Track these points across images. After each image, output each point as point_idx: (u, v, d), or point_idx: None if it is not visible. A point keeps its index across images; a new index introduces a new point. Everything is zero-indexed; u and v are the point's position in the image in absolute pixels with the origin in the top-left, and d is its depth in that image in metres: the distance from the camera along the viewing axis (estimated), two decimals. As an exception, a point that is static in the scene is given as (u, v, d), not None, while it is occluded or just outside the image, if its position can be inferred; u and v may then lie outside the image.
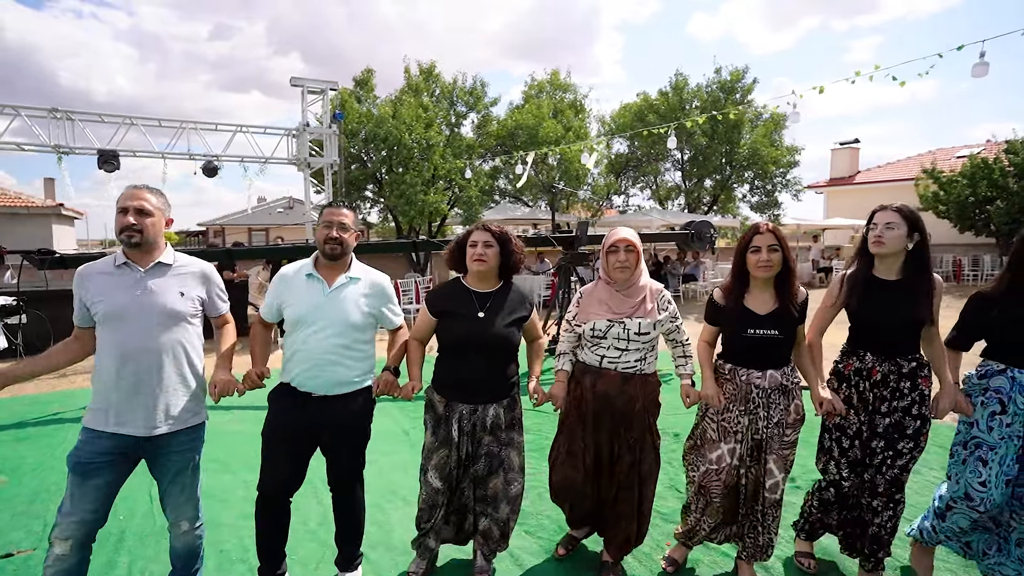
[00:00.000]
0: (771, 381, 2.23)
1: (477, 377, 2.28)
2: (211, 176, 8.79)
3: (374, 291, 2.30)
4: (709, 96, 16.67)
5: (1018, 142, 14.62)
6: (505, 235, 2.33)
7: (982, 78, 5.10)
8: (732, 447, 2.26)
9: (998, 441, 2.11)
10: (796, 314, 2.24)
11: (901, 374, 2.17)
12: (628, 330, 2.27)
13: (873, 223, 2.20)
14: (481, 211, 14.62)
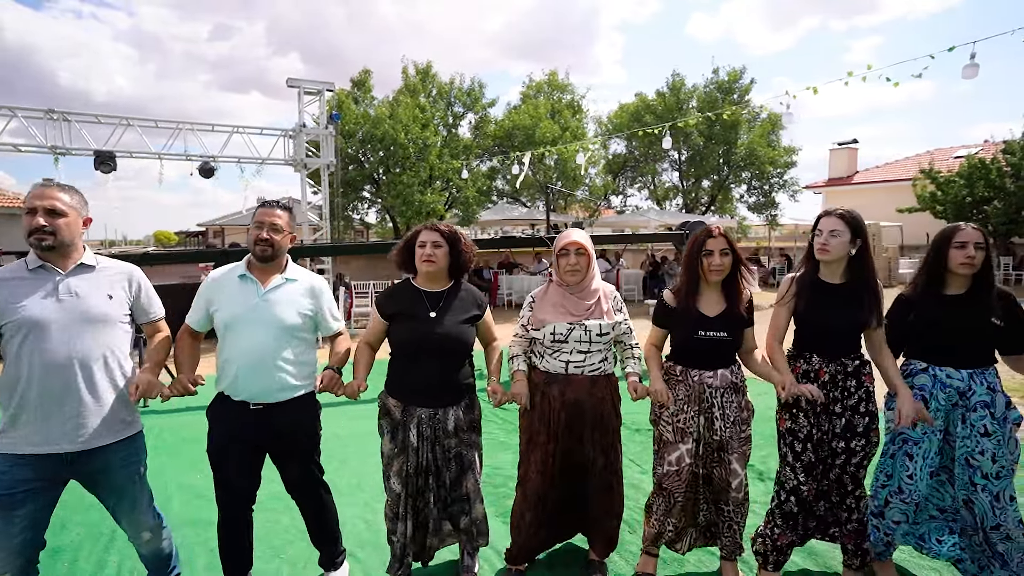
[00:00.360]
0: (723, 380, 2.27)
1: (433, 380, 2.23)
2: (207, 177, 8.81)
3: (312, 293, 2.23)
4: (707, 96, 16.69)
5: (1015, 143, 14.65)
6: (454, 234, 2.30)
7: (973, 79, 5.13)
8: (689, 447, 2.28)
9: (922, 436, 2.22)
10: (744, 316, 2.30)
11: (847, 373, 2.23)
12: (590, 332, 2.27)
13: (818, 230, 2.23)
14: (478, 211, 14.63)
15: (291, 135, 9.57)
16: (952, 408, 2.20)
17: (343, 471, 3.64)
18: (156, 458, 3.93)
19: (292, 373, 2.16)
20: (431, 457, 2.25)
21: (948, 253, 2.18)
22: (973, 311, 2.15)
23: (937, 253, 2.21)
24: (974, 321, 2.15)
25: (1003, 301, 2.18)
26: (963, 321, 2.16)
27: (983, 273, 2.16)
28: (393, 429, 2.26)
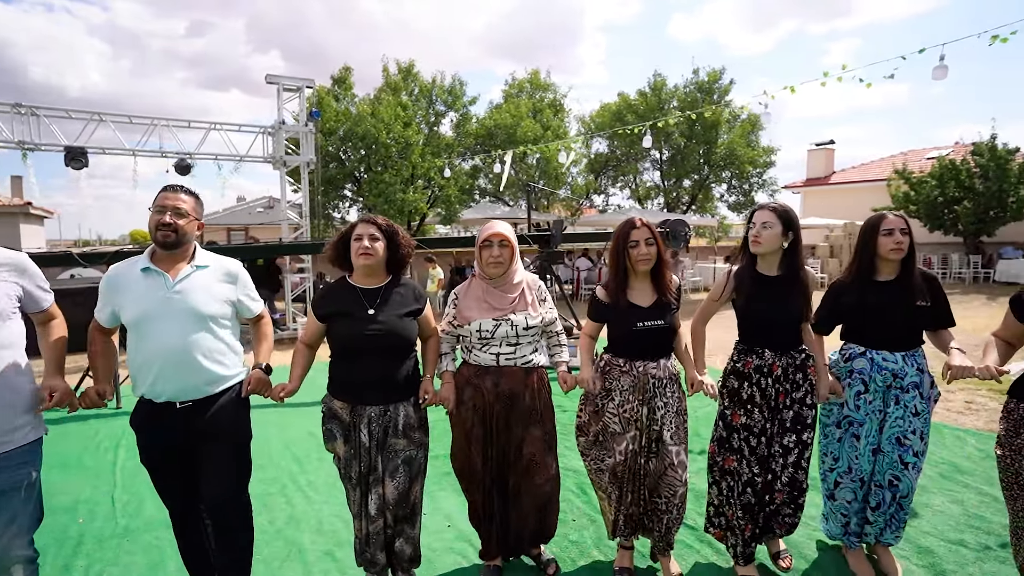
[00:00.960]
0: (665, 371, 2.30)
1: (377, 376, 2.13)
2: (184, 174, 8.64)
3: (227, 277, 2.11)
4: (687, 96, 16.87)
5: (983, 145, 15.06)
6: (392, 227, 2.23)
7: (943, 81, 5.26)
8: (634, 435, 2.29)
9: (864, 418, 2.31)
10: (674, 302, 2.33)
11: (795, 367, 2.30)
12: (516, 326, 2.25)
13: (752, 222, 2.30)
14: (460, 210, 14.59)
15: (270, 132, 9.42)
16: (887, 390, 2.28)
17: (320, 470, 3.62)
18: (132, 460, 3.89)
19: (219, 363, 2.05)
20: (379, 461, 2.14)
21: (877, 241, 2.26)
22: (902, 295, 2.23)
23: (866, 241, 2.28)
24: (904, 304, 2.23)
25: (928, 283, 2.27)
26: (895, 305, 2.24)
27: (909, 259, 2.25)
28: (346, 432, 2.16)
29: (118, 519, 3.05)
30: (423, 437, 2.26)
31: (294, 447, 4.12)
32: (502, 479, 2.34)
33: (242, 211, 26.34)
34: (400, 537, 2.22)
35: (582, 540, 2.78)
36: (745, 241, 2.35)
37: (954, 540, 2.71)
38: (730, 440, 2.37)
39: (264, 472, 3.67)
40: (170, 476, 2.08)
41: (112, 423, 4.75)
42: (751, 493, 2.34)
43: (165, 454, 2.04)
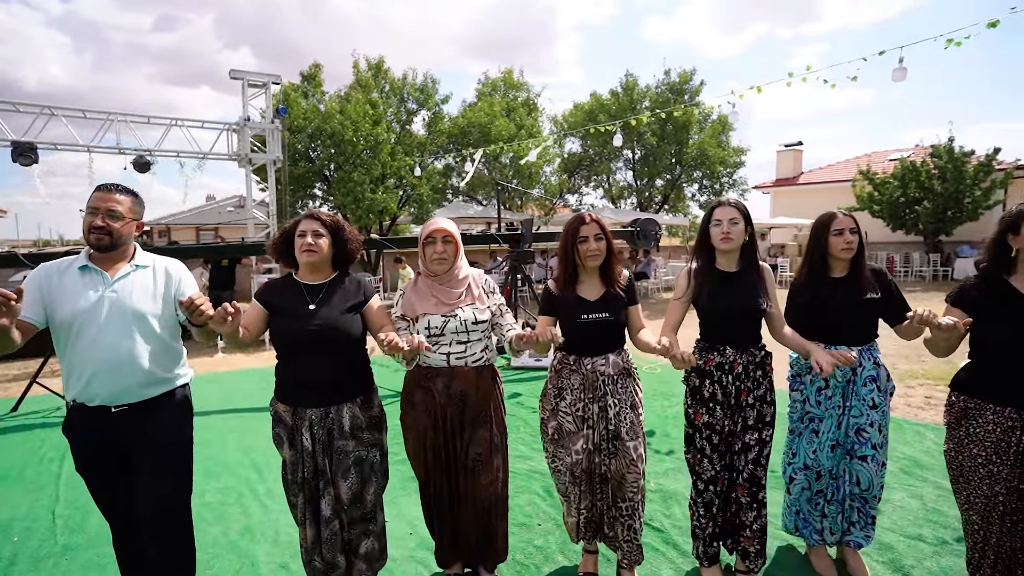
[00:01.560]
0: (614, 367, 2.27)
1: (320, 375, 2.05)
2: (143, 172, 8.32)
3: (168, 278, 2.04)
4: (659, 97, 17.03)
5: (941, 147, 15.59)
6: (337, 223, 2.19)
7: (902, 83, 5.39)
8: (587, 433, 2.27)
9: (824, 412, 2.35)
10: (623, 296, 2.31)
11: (755, 364, 2.29)
12: (465, 321, 2.21)
13: (717, 219, 2.28)
14: (432, 210, 14.44)
15: (235, 129, 9.15)
16: (847, 384, 2.32)
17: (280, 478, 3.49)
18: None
19: (157, 365, 1.96)
20: (325, 462, 2.09)
21: (828, 240, 2.30)
22: (854, 290, 2.29)
23: (818, 241, 2.33)
24: (856, 299, 2.28)
25: (877, 277, 2.34)
26: (848, 300, 2.28)
27: (859, 256, 2.31)
28: (291, 436, 2.09)
29: (57, 537, 2.88)
30: (375, 436, 2.18)
31: (254, 454, 3.98)
32: (453, 481, 2.30)
33: (212, 210, 25.68)
34: (364, 539, 2.17)
35: (547, 545, 2.73)
36: (703, 239, 2.34)
37: (913, 535, 2.74)
38: (694, 439, 2.37)
39: (220, 481, 3.53)
40: (107, 485, 1.98)
41: (59, 432, 4.52)
42: (713, 492, 2.35)
43: (100, 462, 1.94)
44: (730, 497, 2.36)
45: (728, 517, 2.38)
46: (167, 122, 8.87)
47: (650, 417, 4.54)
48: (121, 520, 2.04)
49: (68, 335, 1.89)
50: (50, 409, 5.13)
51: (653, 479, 3.38)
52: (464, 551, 2.38)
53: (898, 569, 2.48)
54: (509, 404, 5.17)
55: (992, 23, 4.55)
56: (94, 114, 8.22)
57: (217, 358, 7.57)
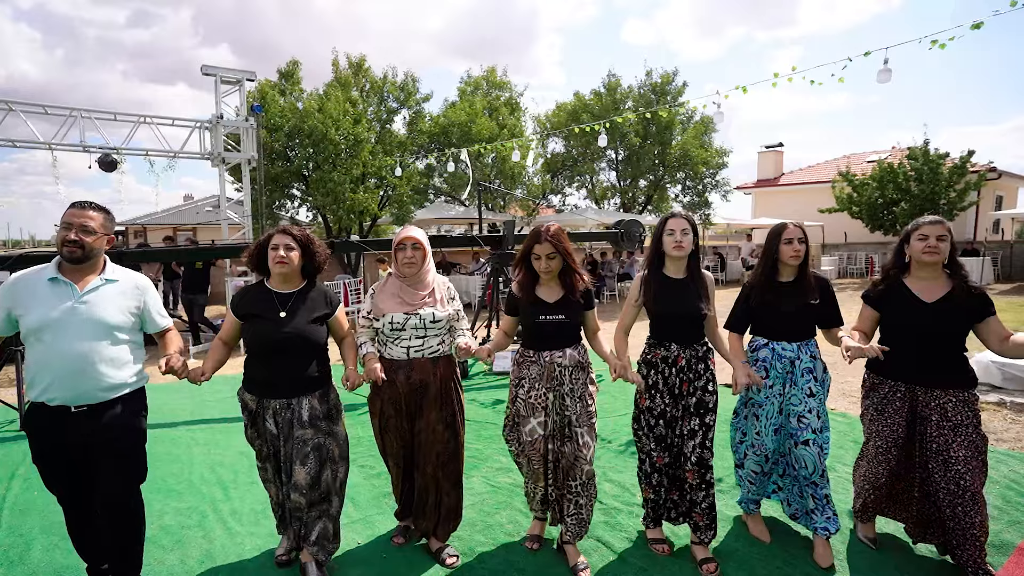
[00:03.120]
0: (571, 359, 2.53)
1: (285, 374, 2.35)
2: (109, 170, 7.95)
3: (136, 292, 2.24)
4: (641, 97, 17.01)
5: (917, 149, 15.80)
6: (307, 237, 2.44)
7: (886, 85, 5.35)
8: (541, 420, 2.51)
9: (765, 400, 2.62)
10: (580, 301, 2.55)
11: (698, 358, 2.56)
12: (424, 319, 2.49)
13: (671, 229, 2.54)
14: (414, 210, 14.21)
15: (207, 127, 8.83)
16: (787, 375, 2.60)
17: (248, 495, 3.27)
18: (25, 493, 3.43)
19: (118, 371, 2.15)
20: (288, 449, 2.36)
21: (780, 247, 2.57)
22: (798, 294, 2.57)
23: (771, 248, 2.60)
24: (800, 302, 2.57)
25: (819, 283, 2.61)
26: (792, 301, 2.57)
27: (804, 263, 2.58)
28: (252, 419, 2.41)
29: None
30: (332, 426, 2.45)
31: (220, 469, 3.76)
32: (410, 456, 2.62)
33: (189, 210, 25.13)
34: (319, 520, 2.39)
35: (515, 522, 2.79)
36: (657, 247, 2.60)
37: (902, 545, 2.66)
38: (639, 419, 2.68)
39: (182, 500, 3.30)
40: (60, 478, 2.17)
41: (11, 447, 4.25)
42: (648, 465, 2.67)
43: (56, 456, 2.12)
44: (679, 477, 2.63)
45: (681, 497, 2.67)
46: (135, 119, 8.52)
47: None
48: (74, 509, 2.23)
49: (34, 341, 2.05)
50: (2, 423, 4.83)
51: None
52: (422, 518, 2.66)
53: (895, 588, 2.38)
54: (490, 411, 5.01)
55: (976, 24, 4.52)
56: (56, 110, 7.85)
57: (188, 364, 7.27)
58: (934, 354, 2.38)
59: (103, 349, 2.09)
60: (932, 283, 2.41)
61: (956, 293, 2.36)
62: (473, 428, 4.50)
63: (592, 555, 2.67)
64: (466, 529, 2.90)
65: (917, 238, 2.41)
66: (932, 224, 2.39)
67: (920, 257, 2.39)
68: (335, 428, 2.46)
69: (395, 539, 2.79)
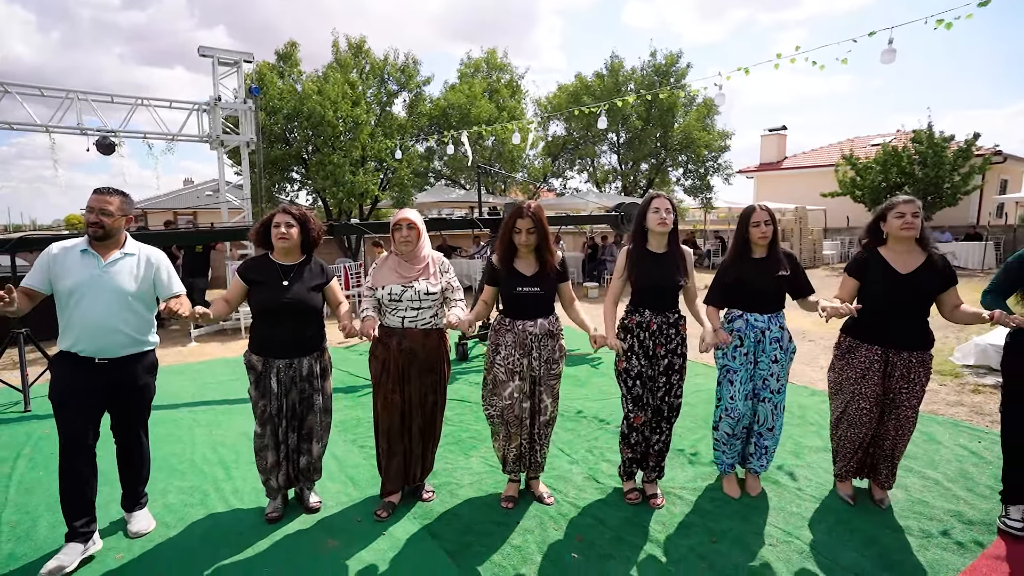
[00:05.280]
0: (541, 328, 2.79)
1: (288, 336, 2.71)
2: (107, 153, 7.91)
3: (149, 264, 2.61)
4: (644, 79, 16.79)
5: (922, 132, 15.61)
6: (304, 216, 2.78)
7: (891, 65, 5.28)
8: (519, 384, 2.79)
9: (739, 367, 2.89)
10: (554, 274, 2.81)
11: (669, 324, 2.84)
12: (419, 292, 2.76)
13: (656, 208, 2.79)
14: (414, 193, 14.14)
15: (205, 109, 8.75)
16: (758, 343, 2.88)
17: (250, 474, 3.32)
18: (31, 472, 3.48)
19: (133, 333, 2.54)
20: (288, 401, 2.75)
21: (749, 230, 2.84)
22: (768, 269, 2.84)
23: (742, 229, 2.87)
24: (769, 276, 2.84)
25: (788, 258, 2.90)
26: (763, 276, 2.84)
27: (773, 242, 2.86)
28: (257, 379, 2.74)
29: (3, 544, 2.69)
30: (323, 383, 2.86)
31: (223, 450, 3.80)
32: (404, 420, 2.86)
33: (189, 194, 25.11)
34: (303, 455, 2.87)
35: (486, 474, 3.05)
36: (640, 223, 2.85)
37: (897, 527, 2.70)
38: (618, 380, 2.94)
39: (184, 480, 3.34)
40: (74, 414, 2.44)
41: (16, 428, 4.29)
42: (626, 426, 2.95)
43: (77, 393, 2.45)
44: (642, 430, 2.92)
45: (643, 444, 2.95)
46: (132, 101, 8.45)
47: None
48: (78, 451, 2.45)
49: (67, 301, 2.45)
50: (7, 404, 4.88)
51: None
52: (405, 474, 2.94)
53: (886, 565, 2.42)
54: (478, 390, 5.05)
55: (983, 2, 4.44)
56: (52, 92, 7.78)
57: (190, 347, 7.32)
58: (905, 320, 2.66)
59: (120, 312, 2.48)
60: (906, 256, 2.67)
61: (927, 264, 2.63)
62: (473, 409, 4.54)
63: (589, 532, 2.72)
64: (466, 508, 2.96)
65: (895, 216, 2.65)
66: (907, 203, 2.63)
67: (899, 233, 2.64)
68: (325, 384, 2.88)
69: (378, 512, 2.89)
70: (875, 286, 2.68)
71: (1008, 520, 2.64)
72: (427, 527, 2.79)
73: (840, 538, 2.62)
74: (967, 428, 4.01)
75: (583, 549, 2.59)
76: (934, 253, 2.65)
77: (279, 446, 2.79)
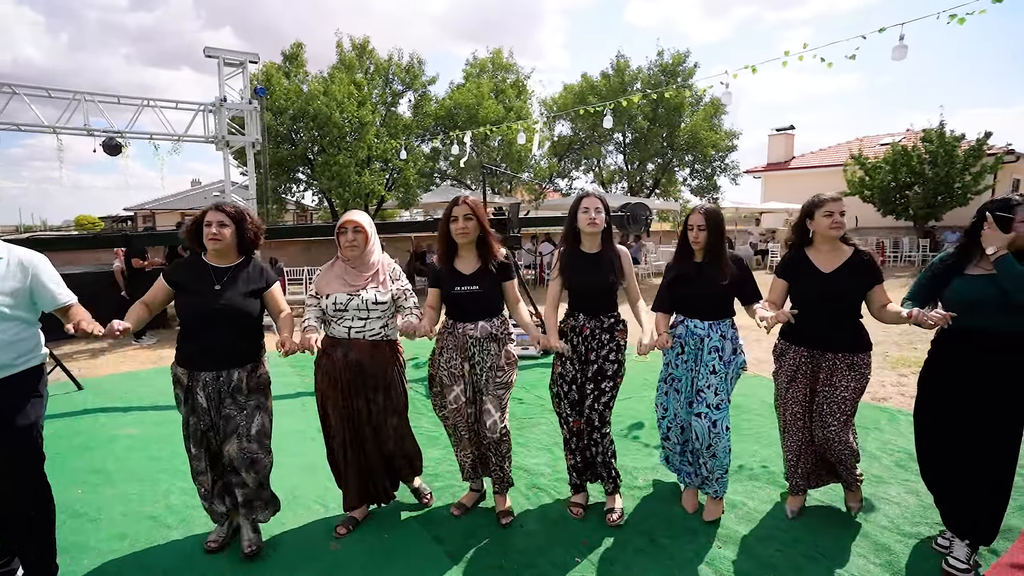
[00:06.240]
0: (482, 331, 2.64)
1: (217, 345, 2.40)
2: (114, 154, 7.95)
3: (21, 269, 2.14)
4: (651, 78, 16.72)
5: (932, 132, 15.43)
6: (240, 214, 2.50)
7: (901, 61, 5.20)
8: (462, 387, 2.66)
9: (681, 374, 2.78)
10: (494, 271, 2.65)
11: (603, 329, 2.72)
12: (366, 301, 2.56)
13: (585, 207, 2.69)
14: (419, 194, 14.14)
15: (210, 110, 8.78)
16: (698, 352, 2.73)
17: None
18: (35, 471, 3.48)
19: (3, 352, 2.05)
20: (214, 416, 2.43)
21: (687, 233, 2.74)
22: (711, 275, 2.68)
23: (683, 233, 2.77)
24: (711, 281, 2.69)
25: (736, 263, 2.72)
26: (704, 283, 2.70)
27: (716, 246, 2.68)
28: (185, 395, 2.44)
29: (5, 543, 2.68)
30: (261, 399, 2.51)
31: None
32: (356, 435, 2.66)
33: (198, 195, 25.32)
34: (237, 487, 2.49)
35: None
36: (573, 223, 2.73)
37: (910, 533, 2.64)
38: (553, 386, 2.83)
39: (187, 481, 3.26)
40: None
41: None
42: (566, 430, 2.81)
43: None
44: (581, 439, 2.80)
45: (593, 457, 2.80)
46: (137, 102, 8.48)
47: (639, 407, 4.41)
48: None
49: None
50: None
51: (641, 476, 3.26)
52: (370, 492, 2.76)
53: (896, 571, 2.36)
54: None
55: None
56: (59, 93, 7.83)
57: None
58: (831, 319, 2.58)
59: None
60: (831, 255, 2.61)
61: (850, 263, 2.57)
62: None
63: (593, 536, 2.68)
64: (466, 510, 2.92)
65: (823, 214, 2.56)
66: (835, 201, 2.56)
67: (827, 232, 2.56)
68: (262, 402, 2.51)
69: (338, 529, 2.71)
70: (799, 286, 2.63)
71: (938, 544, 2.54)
72: (429, 530, 2.76)
73: (848, 544, 2.57)
74: None
75: (585, 552, 2.55)
76: (859, 251, 2.59)
77: (217, 467, 2.50)
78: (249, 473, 2.45)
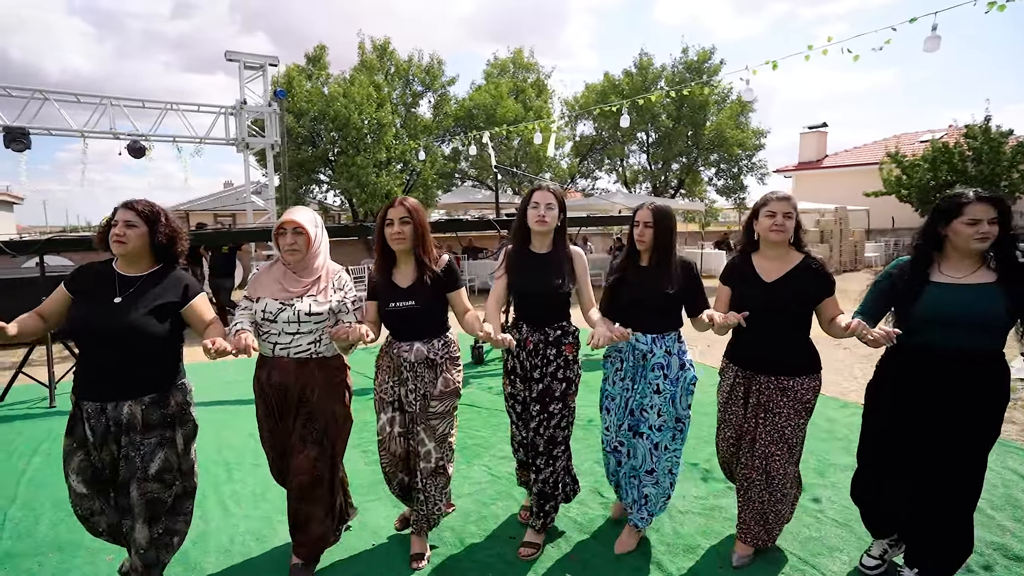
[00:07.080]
0: (417, 355, 2.33)
1: (107, 370, 2.00)
2: (138, 157, 8.17)
3: None
4: (675, 76, 16.39)
5: (976, 127, 14.69)
6: (153, 213, 2.09)
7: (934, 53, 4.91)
8: (392, 416, 2.39)
9: (617, 392, 2.50)
10: (430, 283, 2.32)
11: (547, 343, 2.42)
12: (299, 311, 2.23)
13: (535, 202, 2.40)
14: (438, 194, 14.16)
15: (231, 113, 8.94)
16: (636, 369, 2.45)
17: (250, 477, 3.27)
18: (44, 469, 3.54)
19: None
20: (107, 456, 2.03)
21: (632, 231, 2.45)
22: (655, 280, 2.38)
23: (631, 232, 2.46)
24: (654, 288, 2.38)
25: (684, 269, 2.42)
26: (646, 287, 2.40)
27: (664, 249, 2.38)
28: (73, 423, 2.06)
29: (3, 540, 2.71)
30: (166, 434, 2.09)
31: (227, 451, 3.79)
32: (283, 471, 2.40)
33: (230, 196, 26.06)
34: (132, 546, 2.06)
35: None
36: (522, 220, 2.45)
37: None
38: (506, 406, 2.61)
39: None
40: None
41: (38, 424, 4.40)
42: (523, 453, 2.60)
43: None
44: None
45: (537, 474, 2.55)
46: (161, 106, 8.68)
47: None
48: None
49: None
50: (35, 400, 5.02)
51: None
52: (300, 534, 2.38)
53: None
54: (498, 397, 4.90)
55: (1039, -18, 4.07)
56: (87, 98, 8.07)
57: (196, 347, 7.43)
58: (768, 335, 2.27)
59: None
60: (777, 262, 2.31)
61: (796, 272, 2.27)
62: (482, 415, 4.43)
63: (585, 551, 2.56)
64: (459, 519, 2.83)
65: (765, 215, 2.27)
66: (780, 200, 2.25)
67: (767, 235, 2.28)
68: (171, 436, 2.09)
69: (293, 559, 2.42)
70: (738, 296, 2.32)
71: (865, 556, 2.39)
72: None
73: (864, 570, 2.38)
74: (1017, 449, 3.66)
75: (578, 569, 2.43)
76: (810, 258, 2.27)
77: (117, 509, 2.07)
78: (144, 525, 2.02)
